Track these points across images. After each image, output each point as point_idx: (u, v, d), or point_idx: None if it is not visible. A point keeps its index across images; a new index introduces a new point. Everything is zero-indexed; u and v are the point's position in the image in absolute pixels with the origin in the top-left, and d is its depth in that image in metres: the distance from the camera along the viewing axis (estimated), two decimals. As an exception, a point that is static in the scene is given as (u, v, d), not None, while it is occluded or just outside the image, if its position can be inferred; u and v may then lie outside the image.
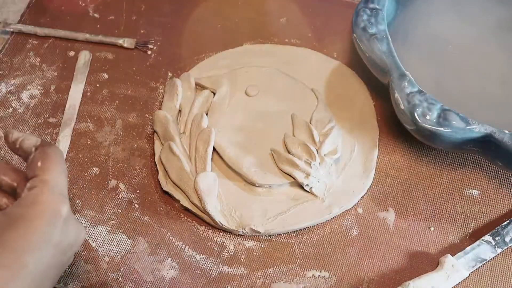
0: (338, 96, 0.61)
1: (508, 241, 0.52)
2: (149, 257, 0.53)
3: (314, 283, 0.51)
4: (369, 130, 0.59)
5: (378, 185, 0.57)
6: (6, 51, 0.66)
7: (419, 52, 0.60)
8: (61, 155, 0.43)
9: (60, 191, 0.41)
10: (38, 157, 0.42)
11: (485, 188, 0.56)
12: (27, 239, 0.38)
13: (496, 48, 0.61)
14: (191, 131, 0.58)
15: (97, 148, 0.59)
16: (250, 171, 0.55)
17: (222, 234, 0.54)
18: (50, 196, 0.40)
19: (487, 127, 0.50)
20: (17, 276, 0.37)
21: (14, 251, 0.38)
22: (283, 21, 0.69)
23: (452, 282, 0.50)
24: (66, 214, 0.41)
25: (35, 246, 0.39)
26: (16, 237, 0.38)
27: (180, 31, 0.68)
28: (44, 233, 0.39)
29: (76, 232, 0.42)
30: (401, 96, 0.52)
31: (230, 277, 0.52)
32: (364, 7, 0.58)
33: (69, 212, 0.41)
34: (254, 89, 0.61)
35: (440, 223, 0.54)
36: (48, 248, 0.39)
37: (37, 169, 0.41)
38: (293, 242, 0.54)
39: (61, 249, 0.41)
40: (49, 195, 0.40)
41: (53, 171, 0.41)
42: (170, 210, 0.56)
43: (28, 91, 0.63)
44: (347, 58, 0.65)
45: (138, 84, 0.64)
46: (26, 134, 0.45)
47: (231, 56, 0.65)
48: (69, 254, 0.42)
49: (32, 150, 0.43)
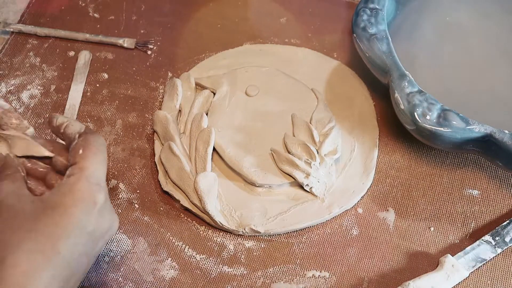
0: (338, 96, 0.61)
1: (508, 241, 0.52)
2: (149, 257, 0.53)
3: (314, 283, 0.51)
4: (369, 130, 0.59)
5: (378, 185, 0.57)
6: (6, 51, 0.66)
7: (419, 51, 0.60)
8: (102, 143, 0.43)
9: (97, 180, 0.41)
10: (80, 145, 0.42)
11: (485, 188, 0.56)
12: (61, 226, 0.39)
13: (497, 47, 0.61)
14: (191, 131, 0.58)
15: (97, 148, 0.59)
16: (250, 171, 0.55)
17: (222, 234, 0.54)
18: (86, 184, 0.40)
19: (487, 127, 0.50)
20: (50, 261, 0.38)
21: (49, 237, 0.38)
22: (283, 21, 0.69)
23: (452, 282, 0.50)
24: (101, 204, 0.41)
25: (70, 233, 0.39)
26: (51, 223, 0.39)
27: (180, 31, 0.68)
28: (78, 221, 0.40)
29: (110, 222, 0.42)
30: (401, 96, 0.52)
31: (230, 277, 0.52)
32: (364, 7, 0.58)
33: (105, 202, 0.41)
34: (254, 89, 0.61)
35: (440, 223, 0.54)
36: (82, 236, 0.40)
37: (78, 156, 0.41)
38: (293, 242, 0.54)
39: (94, 238, 0.41)
40: (85, 184, 0.40)
41: (92, 159, 0.42)
42: (170, 210, 0.56)
43: (28, 91, 0.63)
44: (347, 58, 0.65)
45: (138, 84, 0.64)
46: (71, 119, 0.45)
47: (231, 56, 0.65)
48: (101, 244, 0.42)
49: (76, 137, 0.43)
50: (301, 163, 0.54)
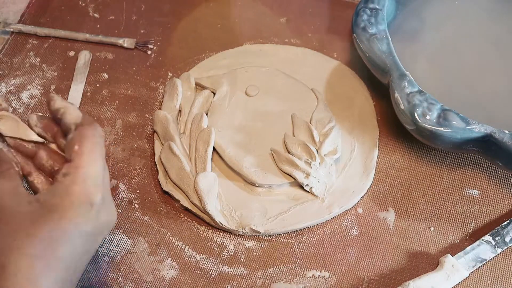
0: (338, 96, 0.61)
1: (508, 241, 0.52)
2: (149, 257, 0.53)
3: (314, 283, 0.51)
4: (369, 130, 0.59)
5: (378, 185, 0.57)
6: (6, 51, 0.66)
7: (419, 51, 0.60)
8: (99, 136, 0.42)
9: (94, 180, 0.40)
10: (75, 139, 0.41)
11: (485, 188, 0.56)
12: (60, 231, 0.39)
13: (497, 47, 0.61)
14: (191, 131, 0.58)
15: (97, 148, 0.59)
16: (250, 171, 0.55)
17: (222, 234, 0.54)
18: (82, 186, 0.39)
19: (487, 127, 0.50)
20: (51, 266, 0.38)
21: (49, 242, 0.38)
22: (283, 21, 0.69)
23: (452, 282, 0.50)
24: (99, 204, 0.40)
25: (69, 237, 0.39)
26: (50, 228, 0.38)
27: (180, 31, 0.68)
28: (77, 224, 0.39)
29: (108, 217, 0.42)
30: (401, 96, 0.52)
31: (230, 277, 0.52)
32: (364, 7, 0.58)
33: (102, 200, 0.40)
34: (254, 89, 0.61)
35: (440, 223, 0.54)
36: (81, 237, 0.40)
37: (73, 153, 0.40)
38: (293, 242, 0.54)
39: (93, 236, 0.41)
40: (81, 186, 0.39)
41: (88, 157, 0.40)
42: (170, 210, 0.56)
43: (28, 91, 0.63)
44: (347, 58, 0.65)
45: (138, 84, 0.64)
46: (69, 105, 0.43)
47: (231, 56, 0.65)
48: (100, 239, 0.42)
49: (72, 128, 0.42)
50: (301, 163, 0.54)
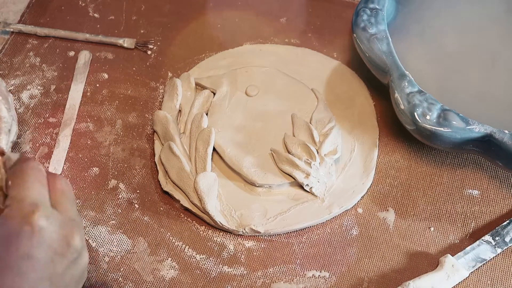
0: (338, 96, 0.61)
1: (508, 241, 0.52)
2: (149, 257, 0.53)
3: (314, 283, 0.51)
4: (369, 130, 0.59)
5: (378, 185, 0.57)
6: (6, 51, 0.66)
7: (419, 51, 0.60)
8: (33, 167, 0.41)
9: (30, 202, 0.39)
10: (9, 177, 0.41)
11: (485, 188, 0.56)
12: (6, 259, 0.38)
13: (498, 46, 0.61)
14: (191, 131, 0.58)
15: (97, 148, 0.59)
16: (250, 171, 0.55)
17: (222, 234, 0.54)
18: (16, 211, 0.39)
19: (487, 127, 0.50)
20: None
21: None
22: (283, 21, 0.68)
23: (452, 282, 0.50)
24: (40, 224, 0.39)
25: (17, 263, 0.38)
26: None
27: (180, 31, 0.68)
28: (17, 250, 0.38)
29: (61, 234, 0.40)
30: (401, 96, 0.52)
31: (230, 277, 0.52)
32: (364, 7, 0.58)
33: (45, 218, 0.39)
34: (254, 89, 0.61)
35: (440, 223, 0.54)
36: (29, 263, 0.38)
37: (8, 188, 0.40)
38: (293, 242, 0.54)
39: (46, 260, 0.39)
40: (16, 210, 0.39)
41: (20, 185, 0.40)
42: (170, 210, 0.56)
43: (28, 91, 0.63)
44: (347, 58, 0.65)
45: (138, 84, 0.64)
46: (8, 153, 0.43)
47: (231, 56, 0.65)
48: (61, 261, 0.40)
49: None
50: (301, 163, 0.54)
